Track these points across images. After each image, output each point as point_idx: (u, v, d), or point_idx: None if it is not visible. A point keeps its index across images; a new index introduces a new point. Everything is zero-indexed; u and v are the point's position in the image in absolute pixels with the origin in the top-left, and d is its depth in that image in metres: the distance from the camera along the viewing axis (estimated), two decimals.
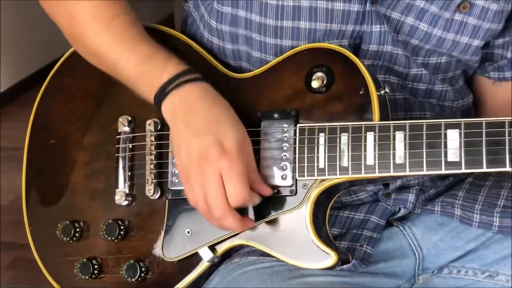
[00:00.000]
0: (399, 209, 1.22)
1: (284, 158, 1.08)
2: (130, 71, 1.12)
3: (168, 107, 1.08)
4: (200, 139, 1.03)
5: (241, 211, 1.08)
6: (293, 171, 1.08)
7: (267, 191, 1.07)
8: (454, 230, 1.22)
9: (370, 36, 1.14)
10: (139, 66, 1.11)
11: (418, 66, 1.18)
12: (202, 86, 1.09)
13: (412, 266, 1.21)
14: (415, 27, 1.15)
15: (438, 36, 1.16)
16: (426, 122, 1.03)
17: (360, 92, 1.06)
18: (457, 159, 1.01)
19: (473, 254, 1.21)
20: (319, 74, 1.09)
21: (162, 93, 1.08)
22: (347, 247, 1.13)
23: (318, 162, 1.06)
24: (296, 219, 1.08)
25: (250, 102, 1.12)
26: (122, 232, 1.17)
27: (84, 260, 1.19)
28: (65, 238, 1.21)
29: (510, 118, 1.01)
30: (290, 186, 1.08)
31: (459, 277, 1.21)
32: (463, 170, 1.01)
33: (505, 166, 0.99)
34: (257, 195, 1.06)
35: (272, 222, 1.09)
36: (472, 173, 1.26)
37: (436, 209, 1.21)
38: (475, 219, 1.18)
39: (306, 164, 1.07)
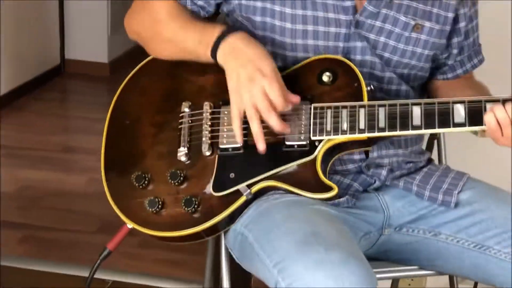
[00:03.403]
0: (375, 181, 1.67)
1: (302, 125, 1.55)
2: (192, 41, 1.61)
3: (221, 52, 1.56)
4: (246, 68, 1.52)
5: (268, 160, 1.55)
6: (309, 132, 1.54)
7: (296, 99, 1.53)
8: (411, 201, 1.69)
9: (355, 50, 1.63)
10: (197, 35, 1.60)
11: (389, 72, 1.67)
12: (241, 34, 1.57)
13: (381, 220, 1.67)
14: (387, 43, 1.65)
15: (402, 48, 1.66)
16: (399, 101, 1.53)
17: (355, 85, 1.57)
18: (419, 123, 1.50)
19: (423, 218, 1.68)
20: (327, 73, 1.58)
21: (215, 45, 1.56)
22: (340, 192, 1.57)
23: (326, 127, 1.54)
24: (310, 166, 1.54)
25: None
26: (181, 178, 1.58)
27: (151, 198, 1.58)
28: (136, 184, 1.60)
29: (453, 99, 1.51)
30: (307, 143, 1.54)
31: (413, 234, 1.69)
32: (423, 131, 1.51)
33: (449, 127, 1.49)
34: (289, 102, 1.51)
35: (293, 168, 1.55)
36: (428, 164, 1.77)
37: (400, 184, 1.69)
38: (425, 194, 1.67)
39: (318, 128, 1.54)
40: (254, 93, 1.50)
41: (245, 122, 1.57)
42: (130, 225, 1.62)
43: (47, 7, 4.93)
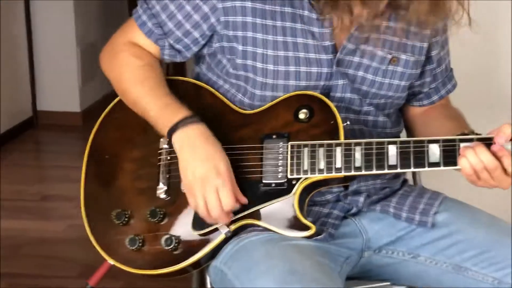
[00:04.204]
0: (352, 208, 1.71)
1: (279, 164, 1.58)
2: (154, 115, 1.64)
3: (177, 140, 1.60)
4: (202, 164, 1.56)
5: (252, 196, 1.58)
6: (286, 171, 1.57)
7: (244, 200, 1.58)
8: (389, 223, 1.72)
9: (336, 87, 1.66)
10: (159, 112, 1.63)
11: (367, 105, 1.70)
12: (201, 127, 1.60)
13: (360, 244, 1.70)
14: (364, 77, 1.68)
15: (379, 81, 1.69)
16: (375, 140, 1.55)
17: (331, 122, 1.59)
18: (395, 163, 1.54)
19: (402, 240, 1.70)
20: (304, 110, 1.61)
21: (172, 130, 1.60)
22: (318, 229, 1.60)
23: (303, 166, 1.57)
24: (288, 204, 1.57)
25: (255, 128, 1.63)
26: (161, 216, 1.62)
27: (132, 236, 1.62)
28: (117, 222, 1.65)
29: (428, 138, 1.53)
30: (284, 181, 1.57)
31: (393, 256, 1.72)
32: (399, 170, 1.54)
33: (424, 167, 1.52)
34: (237, 203, 1.57)
35: (271, 207, 1.57)
36: (402, 186, 1.80)
37: (377, 208, 1.72)
38: (403, 215, 1.70)
39: (295, 167, 1.57)
40: (206, 191, 1.55)
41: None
42: (111, 261, 1.66)
43: (16, 60, 4.97)
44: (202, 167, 1.56)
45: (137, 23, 1.71)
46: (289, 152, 1.59)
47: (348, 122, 1.62)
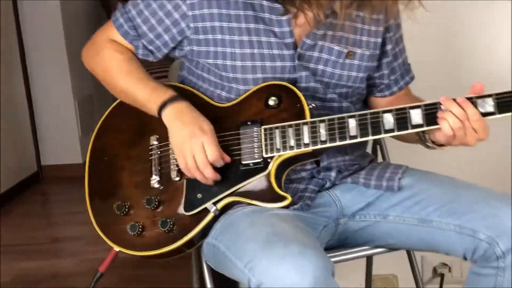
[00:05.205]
0: (326, 182, 1.90)
1: (255, 146, 1.77)
2: (143, 99, 1.84)
3: (167, 113, 1.79)
4: (189, 127, 1.75)
5: (229, 179, 1.78)
6: (261, 152, 1.77)
7: (227, 158, 1.76)
8: (359, 192, 1.91)
9: (300, 79, 1.85)
10: (148, 93, 1.84)
11: (331, 94, 1.89)
12: (185, 103, 1.80)
13: (335, 212, 1.89)
14: (324, 70, 1.87)
15: (338, 73, 1.88)
16: (336, 116, 1.73)
17: (298, 105, 1.78)
18: (355, 134, 1.72)
19: (372, 205, 1.89)
20: (273, 97, 1.80)
21: (162, 107, 1.80)
22: (295, 199, 1.79)
23: (276, 145, 1.76)
24: (265, 180, 1.76)
25: (232, 118, 1.82)
26: (156, 203, 1.82)
27: (132, 223, 1.82)
28: (118, 212, 1.85)
29: (382, 109, 1.71)
30: (261, 161, 1.76)
31: (366, 220, 1.91)
32: (359, 140, 1.72)
33: (381, 134, 1.70)
34: (221, 160, 1.75)
35: (251, 184, 1.76)
36: (371, 161, 2.00)
37: (348, 180, 1.91)
38: (371, 183, 1.89)
39: (269, 147, 1.76)
40: (194, 147, 1.73)
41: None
42: (117, 248, 1.85)
43: (18, 120, 5.16)
44: (188, 128, 1.75)
45: (115, 25, 1.92)
46: (262, 135, 1.78)
47: (313, 105, 1.80)
